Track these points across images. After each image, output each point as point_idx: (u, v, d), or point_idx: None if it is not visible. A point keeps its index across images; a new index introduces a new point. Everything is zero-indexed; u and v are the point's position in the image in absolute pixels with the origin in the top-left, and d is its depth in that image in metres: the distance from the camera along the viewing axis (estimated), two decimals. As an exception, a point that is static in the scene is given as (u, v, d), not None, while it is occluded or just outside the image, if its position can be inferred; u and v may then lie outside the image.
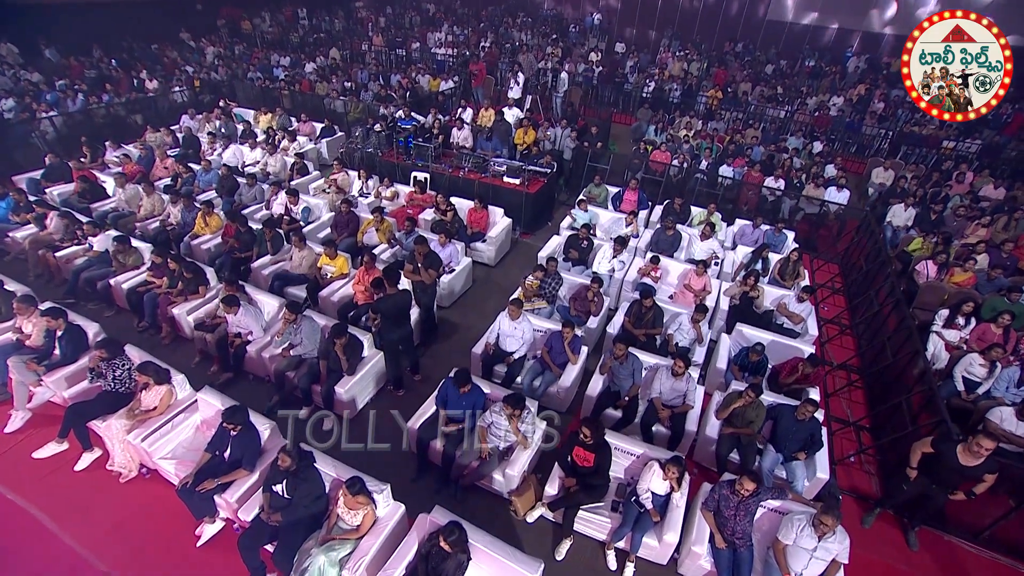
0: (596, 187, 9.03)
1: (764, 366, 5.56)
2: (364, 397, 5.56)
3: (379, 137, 9.79)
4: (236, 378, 5.77)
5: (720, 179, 9.79)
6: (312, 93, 13.64)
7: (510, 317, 5.65)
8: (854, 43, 18.98)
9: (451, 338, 6.72)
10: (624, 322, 6.19)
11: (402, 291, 5.48)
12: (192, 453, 4.36)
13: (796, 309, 6.39)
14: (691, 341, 6.04)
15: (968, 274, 7.05)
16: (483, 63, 12.84)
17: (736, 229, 8.30)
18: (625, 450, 4.52)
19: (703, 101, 14.53)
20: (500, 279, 7.97)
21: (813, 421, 4.73)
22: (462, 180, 9.00)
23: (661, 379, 5.18)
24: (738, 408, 4.88)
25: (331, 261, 6.74)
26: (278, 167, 9.50)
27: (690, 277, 6.83)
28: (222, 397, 4.52)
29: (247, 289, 6.09)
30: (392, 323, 5.35)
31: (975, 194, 9.87)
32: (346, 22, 22.88)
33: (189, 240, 7.36)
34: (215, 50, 17.22)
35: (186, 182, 8.74)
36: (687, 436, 4.98)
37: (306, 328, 5.44)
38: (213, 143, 10.09)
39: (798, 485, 4.57)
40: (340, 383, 5.22)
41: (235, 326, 5.65)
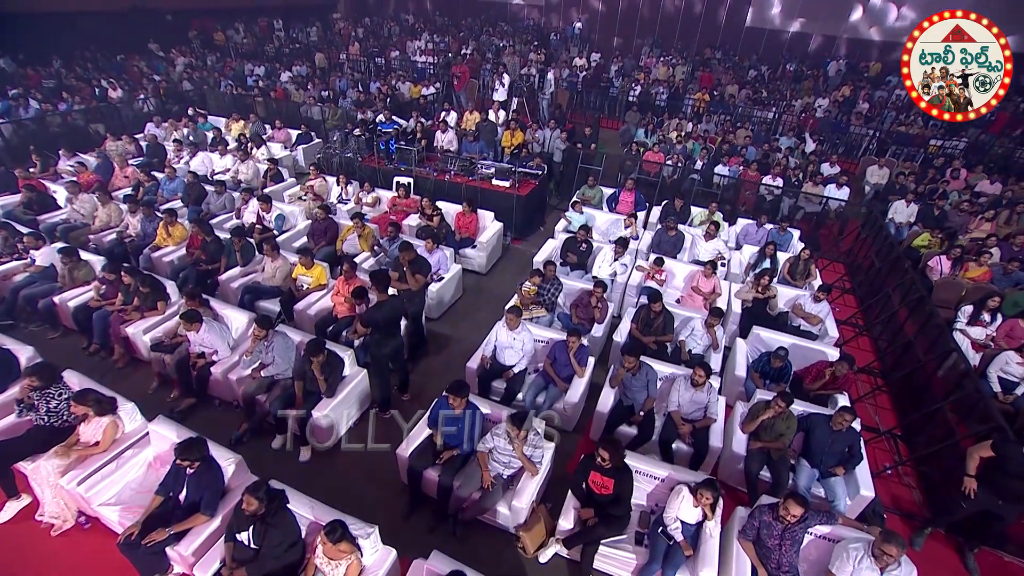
0: (590, 189, 8.60)
1: (788, 372, 5.09)
2: (346, 421, 4.93)
3: (359, 141, 9.24)
4: (200, 404, 5.09)
5: (718, 178, 9.45)
6: (288, 100, 13.05)
7: (508, 327, 5.10)
8: (833, 49, 19.19)
9: (442, 352, 6.14)
10: (631, 329, 5.69)
11: (394, 297, 4.89)
12: (142, 496, 3.67)
13: (813, 309, 5.97)
14: (705, 348, 5.55)
15: (983, 268, 6.75)
16: (466, 67, 12.42)
17: (739, 229, 7.92)
18: (647, 473, 3.98)
19: (690, 104, 14.34)
20: (493, 287, 7.43)
21: (851, 431, 4.26)
22: (448, 184, 8.48)
23: (679, 390, 4.67)
24: (767, 420, 4.39)
25: (307, 271, 6.13)
26: (250, 174, 8.88)
27: (698, 279, 6.38)
28: (178, 427, 3.86)
29: (212, 304, 5.44)
30: (384, 336, 4.77)
31: (972, 190, 9.71)
32: (323, 33, 22.42)
33: (149, 252, 6.67)
34: (185, 60, 16.55)
35: (148, 191, 8.05)
36: (711, 453, 4.46)
37: (279, 345, 4.82)
38: (180, 151, 9.42)
39: (839, 504, 4.07)
40: (318, 407, 4.59)
41: (198, 345, 5.00)
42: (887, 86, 16.29)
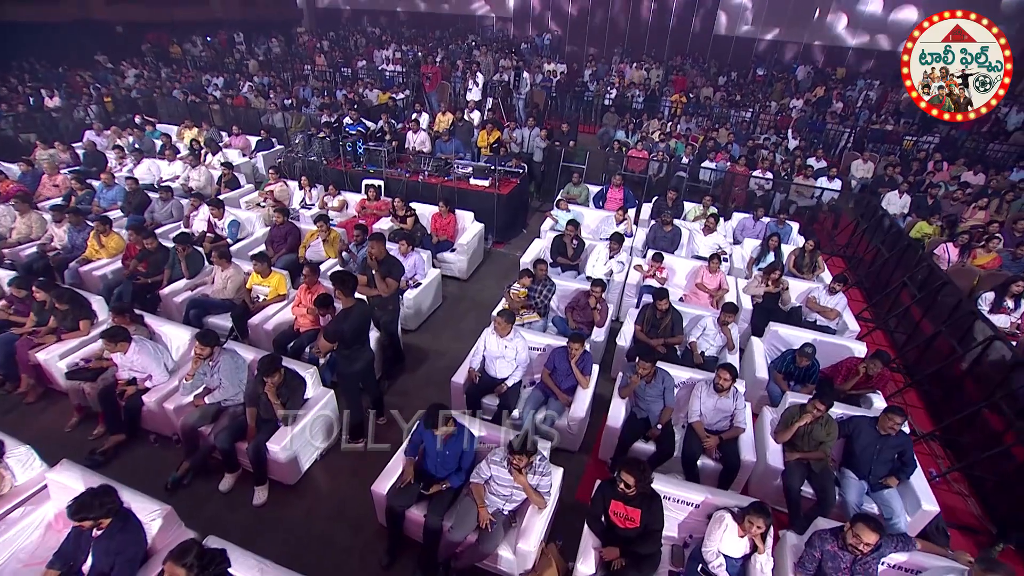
0: (575, 186, 8.05)
1: (815, 372, 4.55)
2: (310, 454, 4.13)
3: (323, 144, 8.50)
4: (130, 441, 4.21)
5: (710, 172, 9.07)
6: (248, 108, 12.23)
7: (498, 334, 4.41)
8: (800, 55, 19.51)
9: (421, 367, 5.40)
10: (636, 332, 5.08)
11: (361, 301, 4.15)
12: (31, 571, 2.81)
13: (828, 302, 5.47)
14: (719, 348, 4.97)
15: (992, 255, 6.44)
16: (436, 67, 11.87)
17: (735, 224, 7.46)
18: (678, 498, 3.31)
19: (667, 106, 14.12)
20: (476, 293, 6.75)
21: (900, 436, 3.70)
22: (422, 185, 7.81)
23: (700, 397, 4.05)
24: (803, 427, 3.80)
25: (264, 280, 5.34)
26: (203, 181, 8.03)
27: (702, 275, 5.84)
28: (87, 474, 3.02)
29: (149, 320, 4.60)
30: (353, 350, 4.02)
31: (958, 180, 9.59)
32: (287, 46, 21.69)
33: (77, 266, 5.76)
34: (136, 72, 15.57)
35: (81, 200, 7.12)
36: (744, 468, 3.83)
37: (226, 365, 4.02)
38: (122, 158, 8.49)
39: (899, 522, 3.49)
40: (275, 437, 3.79)
41: (127, 369, 4.15)
42: (854, 88, 16.52)
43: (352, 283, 3.96)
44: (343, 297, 3.91)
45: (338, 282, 3.91)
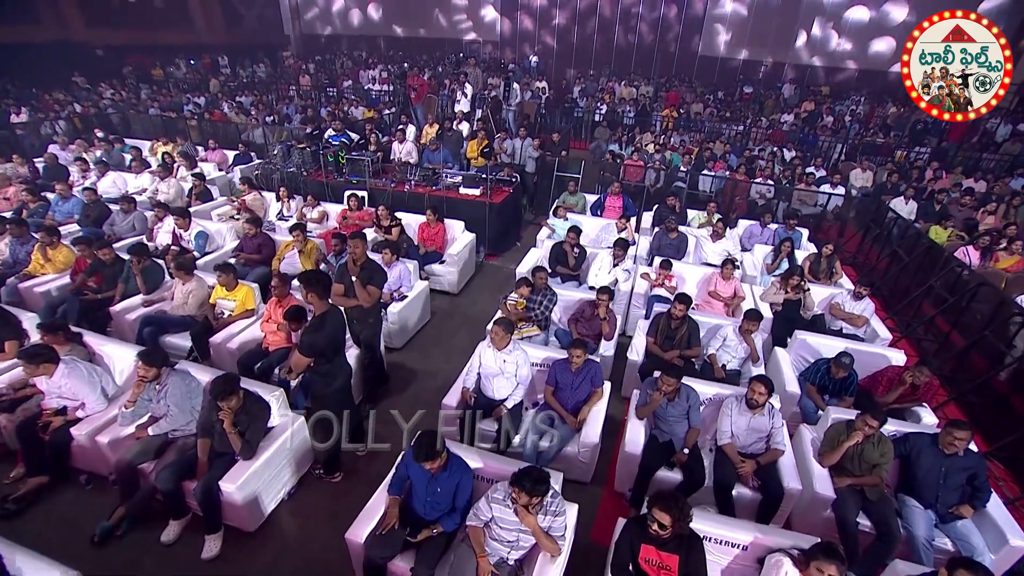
0: (571, 195, 7.63)
1: (852, 383, 4.03)
2: (275, 493, 3.49)
3: (303, 155, 8.01)
4: (56, 484, 3.53)
5: (710, 180, 8.75)
6: (227, 123, 11.76)
7: (495, 346, 3.85)
8: (783, 75, 19.74)
9: (407, 390, 4.79)
10: (648, 344, 4.54)
11: (335, 308, 3.55)
12: None
13: (854, 309, 5.01)
14: (742, 360, 4.45)
15: (1015, 257, 6.08)
16: (423, 78, 11.55)
17: (742, 231, 7.04)
18: (720, 538, 2.73)
19: (658, 121, 13.95)
20: (468, 308, 6.19)
21: (969, 455, 3.19)
22: (408, 195, 7.32)
23: (731, 416, 3.50)
24: (853, 447, 3.27)
25: (229, 294, 4.75)
26: (172, 193, 7.44)
27: (715, 282, 5.35)
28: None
29: (88, 339, 3.97)
30: (330, 366, 3.42)
31: (960, 187, 9.36)
32: (272, 69, 21.47)
33: (16, 282, 5.11)
34: (112, 92, 15.11)
35: (34, 213, 6.51)
36: (788, 498, 3.26)
37: (175, 389, 3.40)
38: (86, 171, 7.90)
39: (983, 561, 2.92)
40: (230, 474, 3.15)
41: (55, 396, 3.50)
42: (842, 103, 16.61)
43: (326, 282, 3.37)
44: (316, 300, 3.31)
45: (309, 283, 3.29)
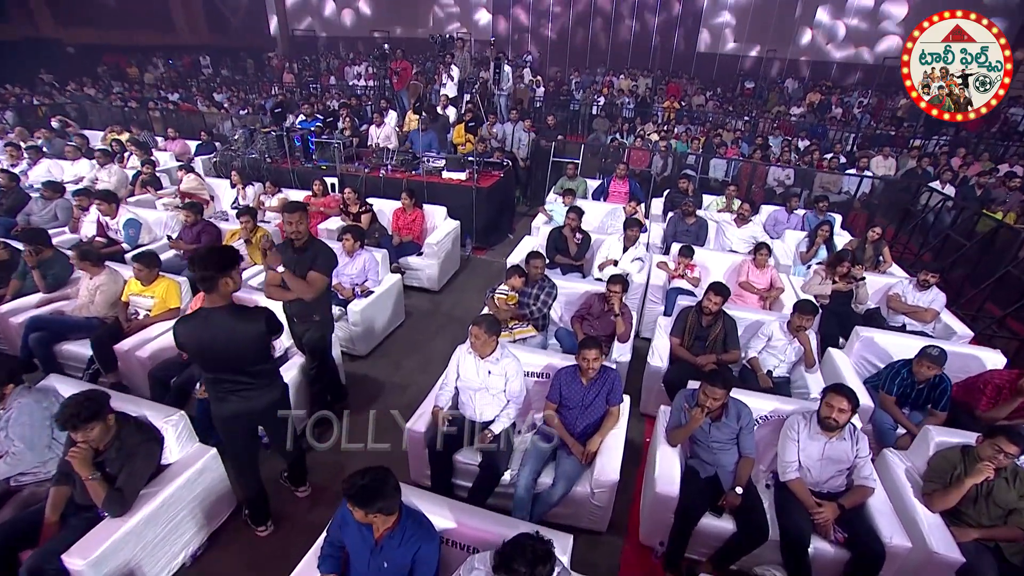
0: (571, 180, 6.72)
1: (946, 392, 3.09)
2: (164, 563, 2.50)
3: (268, 140, 7.08)
4: None
5: (726, 164, 7.91)
6: (194, 113, 10.84)
7: (477, 353, 2.89)
8: (784, 71, 19.16)
9: (370, 407, 3.81)
10: (673, 346, 3.60)
11: (257, 309, 2.56)
12: None
13: (920, 301, 4.10)
14: (791, 365, 3.51)
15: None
16: (407, 62, 10.69)
17: (765, 218, 6.14)
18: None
19: (659, 112, 13.17)
20: (450, 308, 5.24)
21: None
22: (384, 180, 6.40)
23: (798, 440, 2.56)
24: (976, 486, 2.32)
25: (146, 289, 3.79)
26: (114, 181, 6.48)
27: (747, 271, 4.43)
28: None
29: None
30: (236, 381, 2.45)
31: (999, 171, 8.56)
32: (256, 71, 20.66)
33: None
34: (76, 88, 14.23)
35: (-61, 202, 5.54)
36: (892, 559, 2.30)
37: (23, 416, 2.44)
38: (15, 157, 6.94)
39: None
40: (81, 544, 2.16)
41: None
42: (851, 95, 15.96)
43: (230, 259, 2.35)
44: (208, 293, 2.32)
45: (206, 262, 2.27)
